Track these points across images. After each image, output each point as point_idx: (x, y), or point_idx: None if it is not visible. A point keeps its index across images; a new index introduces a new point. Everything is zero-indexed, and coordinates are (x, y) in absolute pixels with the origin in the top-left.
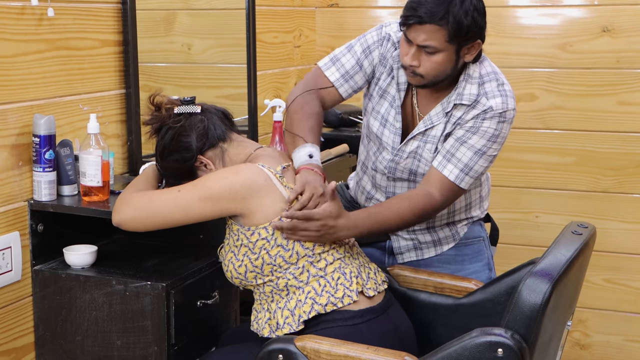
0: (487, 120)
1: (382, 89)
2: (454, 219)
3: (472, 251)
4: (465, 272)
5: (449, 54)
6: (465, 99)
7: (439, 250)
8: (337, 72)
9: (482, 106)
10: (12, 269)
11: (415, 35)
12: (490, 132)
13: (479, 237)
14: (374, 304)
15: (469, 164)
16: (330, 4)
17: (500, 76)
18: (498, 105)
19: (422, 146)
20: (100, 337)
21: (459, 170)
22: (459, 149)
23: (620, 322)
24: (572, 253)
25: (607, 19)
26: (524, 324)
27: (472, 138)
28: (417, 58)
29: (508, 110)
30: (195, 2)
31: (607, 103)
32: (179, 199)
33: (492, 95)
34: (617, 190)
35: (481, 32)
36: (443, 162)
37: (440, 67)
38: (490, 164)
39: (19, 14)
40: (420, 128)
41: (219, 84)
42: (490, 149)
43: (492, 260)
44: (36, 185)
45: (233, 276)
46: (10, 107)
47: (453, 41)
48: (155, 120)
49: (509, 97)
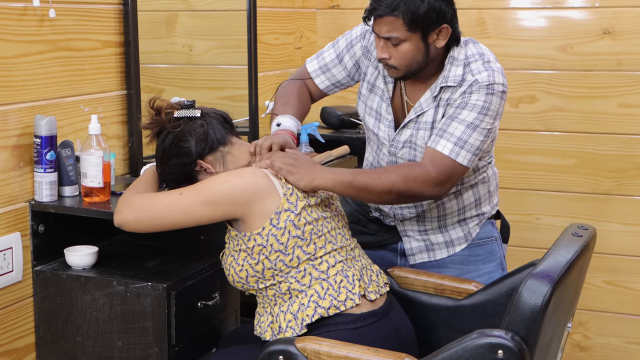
0: (475, 94)
1: (370, 83)
2: (465, 216)
3: (485, 251)
4: (478, 272)
5: (415, 42)
6: (450, 81)
7: (451, 252)
8: (316, 64)
9: (468, 82)
10: (13, 269)
11: (379, 29)
12: (480, 104)
13: (492, 237)
14: (376, 307)
15: (462, 137)
16: (332, 5)
17: (488, 56)
18: (484, 78)
19: (415, 134)
20: (101, 338)
21: (453, 144)
22: (451, 124)
23: (621, 324)
24: (572, 255)
25: (608, 21)
26: (525, 325)
27: (462, 113)
28: (387, 50)
29: (496, 83)
30: (197, 3)
31: (607, 105)
32: (180, 202)
33: (478, 71)
34: (618, 192)
35: (444, 16)
36: (436, 139)
37: (409, 56)
38: (488, 139)
39: (20, 15)
40: (411, 116)
41: (220, 85)
42: (482, 122)
43: (505, 260)
44: (37, 186)
45: (235, 280)
46: (12, 108)
47: (414, 29)
48: (154, 125)
49: (496, 72)
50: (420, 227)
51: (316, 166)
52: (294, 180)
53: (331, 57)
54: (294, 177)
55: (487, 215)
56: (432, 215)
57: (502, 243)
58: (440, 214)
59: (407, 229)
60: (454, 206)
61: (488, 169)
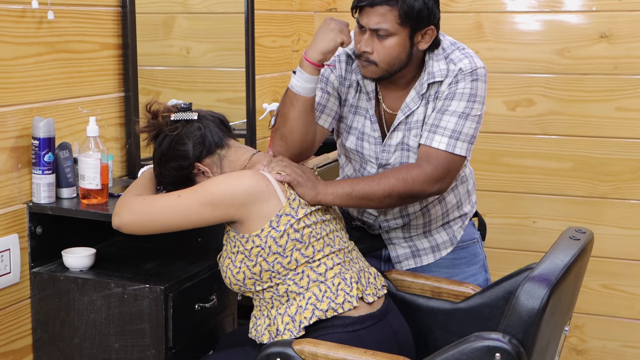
0: (461, 82)
1: (353, 106)
2: (449, 219)
3: (469, 254)
4: (463, 275)
5: (402, 39)
6: (437, 76)
7: (437, 256)
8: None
9: (452, 72)
10: (11, 271)
11: (368, 20)
12: (467, 92)
13: (474, 239)
14: (374, 309)
15: (456, 128)
16: (329, 8)
17: (459, 44)
18: (466, 65)
19: (407, 135)
20: (98, 340)
21: (448, 137)
22: (442, 118)
23: (617, 328)
24: (569, 258)
25: (605, 25)
26: (522, 328)
27: (452, 104)
28: (371, 44)
29: (478, 68)
30: (194, 5)
31: (604, 109)
32: (179, 204)
33: (459, 59)
34: (615, 196)
35: (434, 18)
36: (429, 136)
37: (393, 52)
38: (479, 125)
39: (19, 16)
40: (400, 117)
41: (218, 88)
42: (472, 109)
43: (486, 261)
44: (35, 187)
45: (232, 282)
46: (10, 110)
47: (405, 24)
48: (151, 128)
49: (474, 57)
50: (406, 234)
51: (320, 182)
52: (301, 193)
53: (319, 95)
54: (301, 189)
55: (469, 216)
56: (418, 222)
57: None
58: (426, 221)
59: (392, 236)
60: (438, 211)
61: (465, 168)
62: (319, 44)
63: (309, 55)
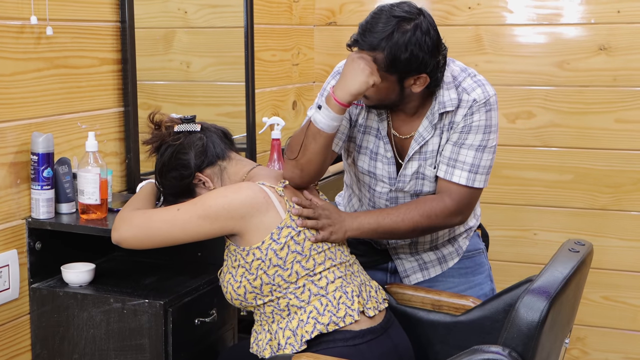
0: (476, 114)
1: (363, 125)
2: (454, 234)
3: (474, 263)
4: (469, 284)
5: (390, 83)
6: (448, 105)
7: (444, 267)
8: None
9: (466, 102)
10: (10, 287)
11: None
12: (483, 124)
13: (479, 249)
14: (375, 323)
15: (475, 162)
16: (329, 22)
17: (470, 70)
18: (480, 95)
19: (423, 164)
20: (98, 356)
21: (467, 172)
22: (460, 152)
23: (619, 340)
24: (569, 270)
25: (604, 37)
26: (522, 341)
27: (469, 137)
28: None
29: (490, 97)
30: (194, 20)
31: (604, 121)
32: (178, 218)
33: (472, 89)
34: (615, 208)
35: (425, 67)
36: (449, 171)
37: (381, 93)
38: (494, 155)
39: (18, 32)
40: (415, 147)
41: (218, 102)
42: (488, 140)
43: (491, 271)
44: (34, 203)
45: (233, 297)
46: (9, 125)
47: (391, 71)
48: (155, 139)
49: (486, 85)
50: (412, 249)
51: (345, 219)
52: (328, 236)
53: None
54: (333, 236)
55: (473, 229)
56: (425, 240)
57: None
58: (433, 238)
59: (399, 252)
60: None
61: None
62: (350, 85)
63: (339, 95)
